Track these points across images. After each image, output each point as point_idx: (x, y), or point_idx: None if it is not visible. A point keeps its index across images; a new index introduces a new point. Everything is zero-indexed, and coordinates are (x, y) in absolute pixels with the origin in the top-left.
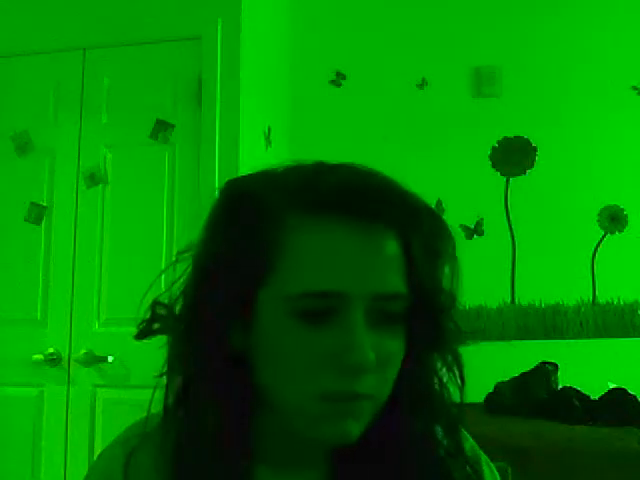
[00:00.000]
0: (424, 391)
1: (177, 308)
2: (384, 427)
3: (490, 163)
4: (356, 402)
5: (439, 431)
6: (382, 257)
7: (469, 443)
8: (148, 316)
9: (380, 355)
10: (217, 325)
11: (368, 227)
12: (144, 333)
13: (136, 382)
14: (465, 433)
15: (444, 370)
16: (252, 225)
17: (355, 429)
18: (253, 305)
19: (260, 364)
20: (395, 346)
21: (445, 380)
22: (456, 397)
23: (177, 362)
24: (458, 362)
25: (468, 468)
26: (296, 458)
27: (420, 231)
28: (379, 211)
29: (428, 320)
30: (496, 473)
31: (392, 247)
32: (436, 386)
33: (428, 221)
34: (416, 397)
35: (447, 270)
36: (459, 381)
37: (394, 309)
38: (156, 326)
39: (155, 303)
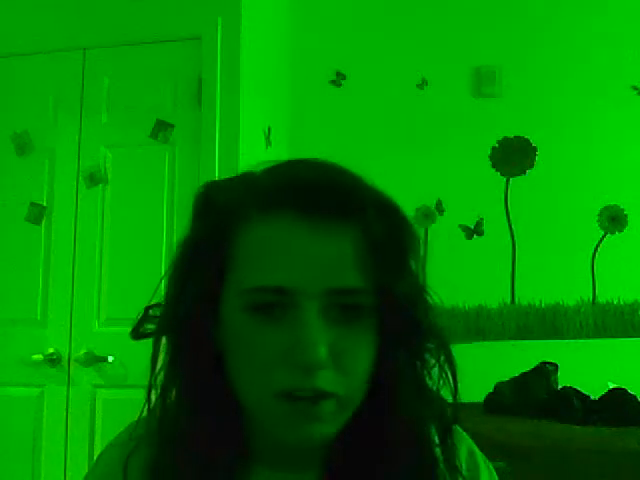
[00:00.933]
0: (409, 389)
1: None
2: (376, 427)
3: (490, 163)
4: (315, 400)
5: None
6: (337, 252)
7: (466, 443)
8: (141, 316)
9: (339, 351)
10: (191, 325)
11: (323, 223)
12: (137, 332)
13: (136, 382)
14: (463, 433)
15: (436, 370)
16: (211, 226)
17: (320, 429)
18: (219, 304)
19: (228, 363)
20: (360, 341)
21: (438, 380)
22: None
23: (162, 363)
24: (450, 362)
25: (463, 470)
26: (292, 458)
27: (380, 227)
28: (335, 207)
29: (397, 314)
30: (494, 473)
31: (349, 242)
32: (426, 385)
33: (389, 217)
34: (400, 395)
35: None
36: (451, 382)
37: (356, 304)
38: (149, 327)
39: (151, 305)
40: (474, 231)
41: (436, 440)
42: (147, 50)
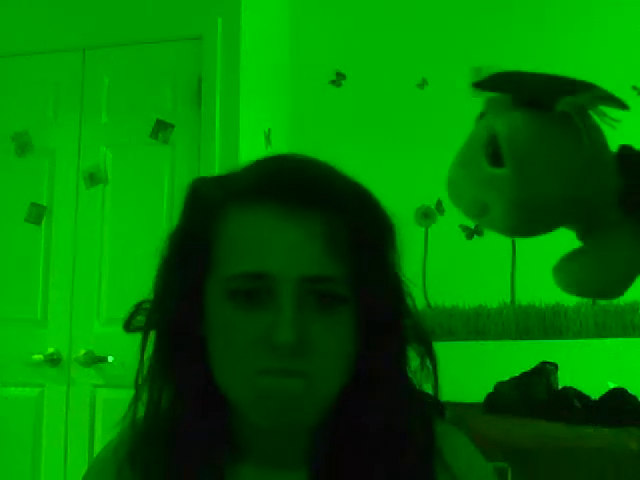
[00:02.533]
0: (389, 381)
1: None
2: (359, 421)
3: None
4: (290, 382)
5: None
6: (313, 241)
7: (462, 440)
8: (133, 309)
9: (312, 335)
10: (177, 318)
11: (299, 213)
12: (129, 325)
13: None
14: (456, 428)
15: (418, 365)
16: (196, 220)
17: (291, 407)
18: (204, 295)
19: (210, 352)
20: (334, 328)
21: (421, 375)
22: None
23: (151, 357)
24: (431, 356)
25: (457, 468)
26: (278, 454)
27: (356, 217)
28: (311, 198)
29: (373, 304)
30: (490, 471)
31: (325, 232)
32: (407, 378)
33: (365, 208)
34: (381, 387)
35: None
36: (432, 375)
37: (332, 292)
38: (140, 319)
39: (144, 300)
40: (474, 231)
41: (423, 435)
42: (147, 50)
